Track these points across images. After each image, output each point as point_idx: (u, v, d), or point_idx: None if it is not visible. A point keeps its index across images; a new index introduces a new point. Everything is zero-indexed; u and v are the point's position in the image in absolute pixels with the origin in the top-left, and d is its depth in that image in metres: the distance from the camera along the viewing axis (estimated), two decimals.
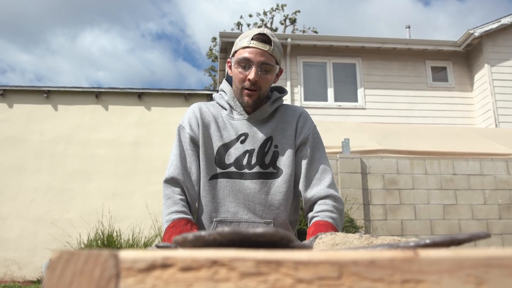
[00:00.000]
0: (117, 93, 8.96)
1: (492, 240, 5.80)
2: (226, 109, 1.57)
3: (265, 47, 1.45)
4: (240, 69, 1.48)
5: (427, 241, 0.45)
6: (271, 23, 21.88)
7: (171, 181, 1.52)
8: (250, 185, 1.49)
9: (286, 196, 1.52)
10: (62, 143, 8.47)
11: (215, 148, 1.53)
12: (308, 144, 1.55)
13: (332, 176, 1.54)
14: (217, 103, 1.61)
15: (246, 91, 1.49)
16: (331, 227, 1.38)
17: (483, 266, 0.31)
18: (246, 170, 1.50)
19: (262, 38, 1.47)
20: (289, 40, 9.49)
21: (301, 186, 1.53)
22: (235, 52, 1.51)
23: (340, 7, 48.76)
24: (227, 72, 1.61)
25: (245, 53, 1.46)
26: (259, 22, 21.86)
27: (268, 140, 1.53)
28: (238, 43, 1.51)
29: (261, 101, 1.53)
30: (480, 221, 5.90)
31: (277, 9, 21.81)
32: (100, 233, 6.15)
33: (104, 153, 8.45)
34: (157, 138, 8.61)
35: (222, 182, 1.51)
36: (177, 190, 1.51)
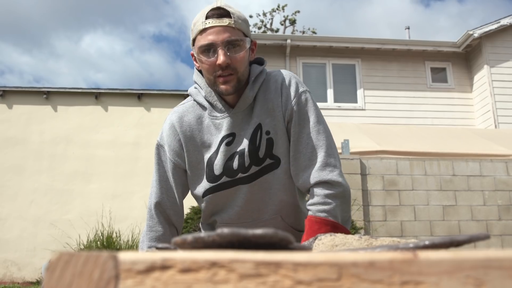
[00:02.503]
0: (116, 94, 8.96)
1: (491, 241, 5.80)
2: (206, 108, 1.37)
3: (225, 22, 1.23)
4: (205, 58, 1.25)
5: (427, 242, 0.45)
6: (271, 23, 21.89)
7: (155, 210, 1.41)
8: (249, 188, 1.35)
9: (287, 186, 1.37)
10: (61, 144, 8.47)
11: (205, 162, 1.37)
12: (294, 120, 1.33)
13: (325, 152, 1.30)
14: (194, 100, 1.40)
15: (220, 78, 1.26)
16: (324, 223, 1.24)
17: (483, 268, 0.31)
18: (240, 175, 1.34)
19: (218, 13, 1.24)
20: (288, 41, 9.49)
21: (292, 171, 1.34)
22: (194, 40, 1.28)
23: (340, 8, 48.80)
24: (195, 67, 1.39)
25: (205, 38, 1.24)
26: (259, 23, 21.85)
27: (257, 130, 1.32)
28: (194, 29, 1.28)
29: (241, 85, 1.30)
30: (480, 222, 5.91)
31: (277, 9, 21.82)
32: (100, 234, 6.14)
33: (104, 154, 8.45)
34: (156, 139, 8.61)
35: (216, 196, 1.38)
36: (161, 221, 1.41)
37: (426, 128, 8.45)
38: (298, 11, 21.98)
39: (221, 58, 1.22)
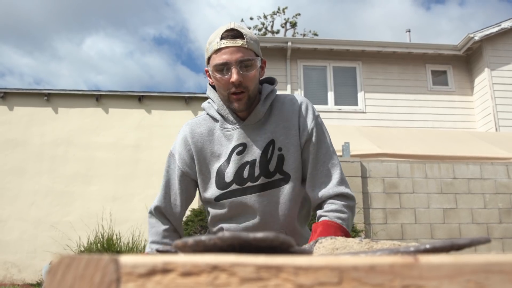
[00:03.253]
0: (117, 96, 8.97)
1: (492, 244, 5.79)
2: (218, 121, 1.46)
3: (238, 43, 1.33)
4: (219, 76, 1.35)
5: (427, 246, 0.45)
6: (272, 26, 21.91)
7: (155, 212, 1.50)
8: (257, 199, 1.40)
9: (295, 202, 1.44)
10: (62, 146, 8.47)
11: (214, 170, 1.43)
12: (313, 139, 1.43)
13: (340, 171, 1.43)
14: (207, 114, 1.49)
15: (233, 96, 1.36)
16: (339, 229, 1.32)
17: (483, 272, 0.31)
18: (249, 184, 1.40)
19: (232, 34, 1.34)
20: (289, 43, 9.50)
21: (308, 186, 1.43)
22: (209, 58, 1.39)
23: (341, 12, 48.79)
24: (208, 82, 1.50)
25: (219, 57, 1.33)
26: (260, 25, 21.89)
27: (269, 145, 1.41)
28: (209, 48, 1.38)
29: (252, 101, 1.40)
30: (480, 225, 5.90)
31: (278, 12, 21.85)
32: (100, 236, 6.14)
33: (104, 156, 8.45)
34: (157, 141, 8.61)
35: (225, 204, 1.43)
36: (162, 220, 1.49)
37: (426, 131, 8.45)
38: (299, 14, 22.02)
39: (234, 76, 1.31)
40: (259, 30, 21.68)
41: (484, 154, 6.50)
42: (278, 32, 21.71)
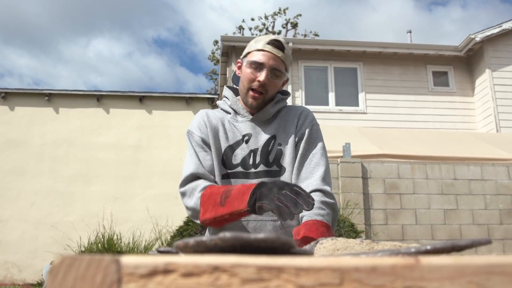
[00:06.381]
0: (118, 97, 8.97)
1: (493, 245, 5.79)
2: (230, 113, 1.62)
3: (279, 53, 1.51)
4: (251, 70, 1.52)
5: (428, 247, 0.45)
6: (273, 27, 21.92)
7: (189, 179, 1.49)
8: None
9: None
10: (63, 146, 8.48)
11: (223, 149, 1.56)
12: (304, 139, 1.57)
13: (324, 170, 1.54)
14: (221, 109, 1.66)
15: (252, 92, 1.52)
16: (321, 225, 1.38)
17: (485, 273, 0.31)
18: (252, 170, 1.54)
19: (276, 44, 1.53)
20: (290, 44, 9.49)
21: (292, 179, 1.54)
22: (248, 53, 1.56)
23: (343, 15, 48.65)
24: (235, 72, 1.66)
25: (259, 55, 1.51)
26: (261, 26, 21.90)
27: (271, 139, 1.56)
28: (253, 45, 1.56)
29: (264, 103, 1.57)
30: (481, 226, 5.89)
31: (279, 13, 21.86)
32: (101, 237, 6.14)
33: (105, 156, 8.46)
34: (158, 142, 8.62)
35: (230, 183, 1.53)
36: (199, 181, 1.48)
37: (427, 132, 8.44)
38: (300, 15, 22.01)
39: (263, 76, 1.49)
40: (260, 30, 21.69)
41: (485, 155, 6.49)
42: (279, 32, 21.72)
